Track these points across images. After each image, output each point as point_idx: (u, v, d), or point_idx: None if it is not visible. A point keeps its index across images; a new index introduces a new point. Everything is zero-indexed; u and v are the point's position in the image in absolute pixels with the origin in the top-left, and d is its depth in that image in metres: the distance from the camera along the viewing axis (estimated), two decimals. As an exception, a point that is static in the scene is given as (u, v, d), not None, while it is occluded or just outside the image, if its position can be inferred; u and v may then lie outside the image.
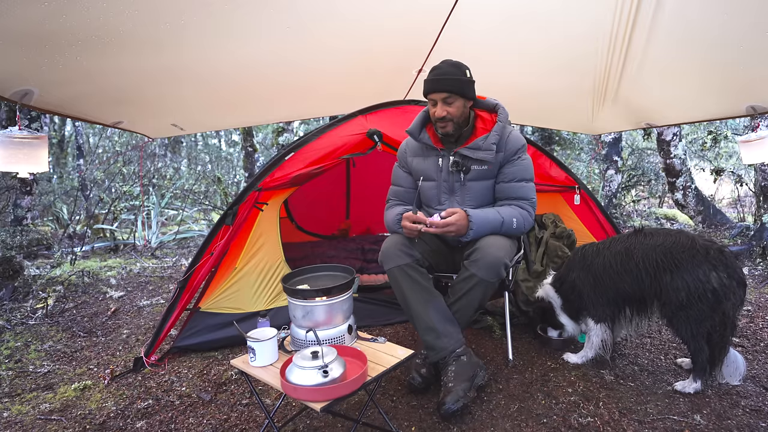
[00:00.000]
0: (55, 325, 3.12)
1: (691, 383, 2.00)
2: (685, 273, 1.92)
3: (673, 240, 2.01)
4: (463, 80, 2.00)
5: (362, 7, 2.26)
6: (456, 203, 2.13)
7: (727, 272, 1.90)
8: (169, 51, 2.24)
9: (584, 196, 3.08)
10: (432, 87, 2.01)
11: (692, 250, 1.94)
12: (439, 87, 1.99)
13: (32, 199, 5.23)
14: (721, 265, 1.90)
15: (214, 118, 3.95)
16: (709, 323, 1.92)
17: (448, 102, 2.00)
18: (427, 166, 2.17)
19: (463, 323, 2.02)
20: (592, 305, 2.21)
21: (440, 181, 2.14)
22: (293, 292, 1.75)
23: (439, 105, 2.01)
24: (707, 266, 1.90)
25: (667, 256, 1.98)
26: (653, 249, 2.03)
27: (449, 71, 2.00)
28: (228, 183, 9.67)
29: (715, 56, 2.40)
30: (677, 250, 1.97)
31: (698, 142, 7.82)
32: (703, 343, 1.94)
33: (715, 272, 1.89)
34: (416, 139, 2.17)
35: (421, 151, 2.19)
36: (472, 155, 2.05)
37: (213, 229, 2.62)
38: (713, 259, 1.91)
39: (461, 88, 2.00)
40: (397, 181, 2.29)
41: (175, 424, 1.91)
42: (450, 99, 1.99)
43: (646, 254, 2.04)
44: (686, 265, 1.93)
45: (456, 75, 1.99)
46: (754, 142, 2.72)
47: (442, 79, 1.99)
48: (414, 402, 1.99)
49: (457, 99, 2.00)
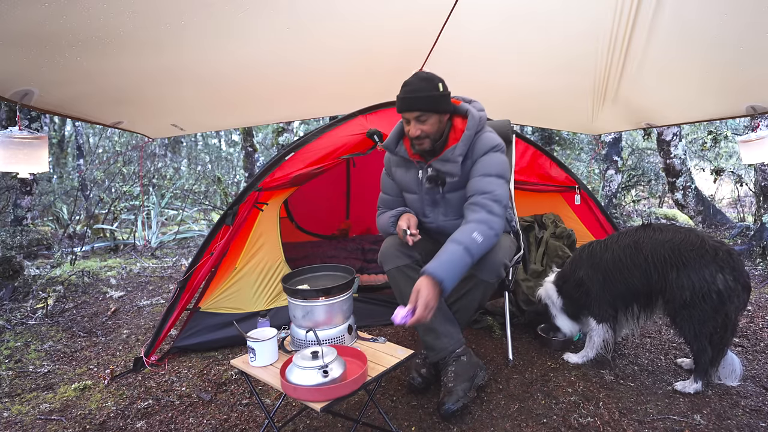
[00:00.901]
0: (55, 325, 3.12)
1: (691, 383, 2.00)
2: (692, 272, 1.91)
3: (683, 237, 1.99)
4: (435, 96, 1.87)
5: (362, 7, 2.26)
6: (441, 214, 2.08)
7: (733, 275, 1.88)
8: (169, 51, 2.24)
9: (584, 196, 3.09)
10: (403, 106, 1.89)
11: (701, 250, 1.93)
12: (411, 106, 1.87)
13: (32, 199, 5.23)
14: (728, 267, 1.89)
15: (215, 119, 3.95)
16: (711, 324, 1.91)
17: (421, 120, 1.88)
18: (408, 179, 2.10)
19: (462, 323, 2.02)
20: (596, 304, 2.19)
21: (422, 194, 2.07)
22: (293, 292, 1.76)
23: (413, 124, 1.89)
24: (714, 267, 1.89)
25: (675, 253, 1.96)
26: (662, 244, 2.01)
27: (420, 87, 1.87)
28: (228, 183, 9.66)
29: (715, 56, 2.40)
30: (686, 247, 1.96)
31: (698, 142, 7.82)
32: (706, 344, 1.93)
33: (721, 274, 1.88)
34: (392, 152, 2.10)
35: (403, 162, 2.11)
36: (442, 168, 1.96)
37: (213, 229, 2.62)
38: (721, 260, 1.90)
39: (434, 105, 1.87)
40: (384, 189, 2.23)
41: (175, 424, 1.92)
42: (423, 117, 1.87)
43: (654, 249, 2.02)
44: (693, 264, 1.92)
45: (427, 91, 1.86)
46: (754, 141, 2.72)
47: (413, 98, 1.86)
48: (414, 402, 1.99)
49: (431, 116, 1.88)
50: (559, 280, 2.36)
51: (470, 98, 2.10)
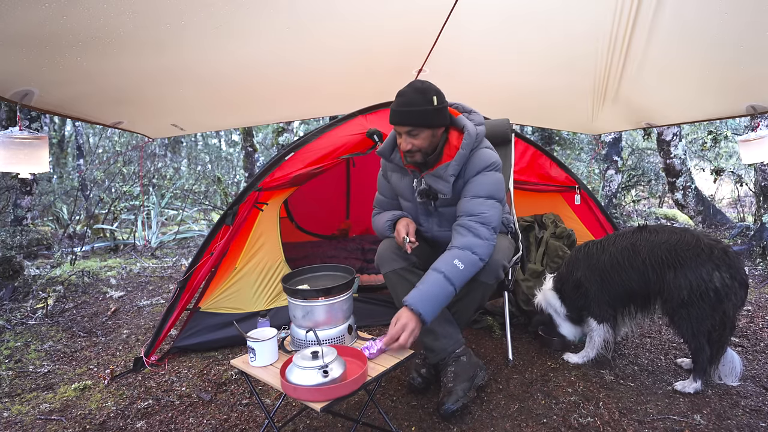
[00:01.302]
0: (55, 325, 3.12)
1: (691, 383, 2.00)
2: (689, 271, 1.93)
3: (678, 237, 2.01)
4: (428, 111, 1.78)
5: (362, 7, 2.26)
6: (435, 224, 2.06)
7: (729, 272, 1.90)
8: (169, 51, 2.24)
9: (584, 196, 3.09)
10: (395, 119, 1.82)
11: (696, 249, 1.95)
12: (401, 120, 1.80)
13: (32, 199, 5.23)
14: (724, 265, 1.91)
15: (215, 119, 3.95)
16: (709, 322, 1.92)
17: (413, 134, 1.81)
18: (403, 186, 2.06)
19: (462, 324, 2.02)
20: (596, 304, 2.20)
21: (416, 203, 2.04)
22: (293, 292, 1.76)
23: (404, 137, 1.83)
24: (711, 265, 1.91)
25: (672, 253, 1.98)
26: (658, 246, 2.03)
27: (414, 100, 1.78)
28: (228, 183, 9.67)
29: (715, 55, 2.40)
30: (682, 247, 1.98)
31: (698, 142, 7.82)
32: (704, 342, 1.94)
33: (718, 272, 1.90)
34: (387, 159, 2.05)
35: (398, 168, 2.07)
36: (434, 184, 1.91)
37: (213, 229, 2.62)
38: (717, 258, 1.91)
39: (426, 120, 1.80)
40: (380, 190, 2.20)
41: (175, 424, 1.92)
42: (415, 131, 1.81)
43: (651, 251, 2.04)
44: (690, 263, 1.94)
45: (420, 105, 1.78)
46: (754, 141, 2.72)
47: (405, 112, 1.79)
48: (414, 402, 1.99)
49: (423, 131, 1.81)
50: (558, 284, 2.36)
51: (470, 108, 2.03)
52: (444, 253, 1.80)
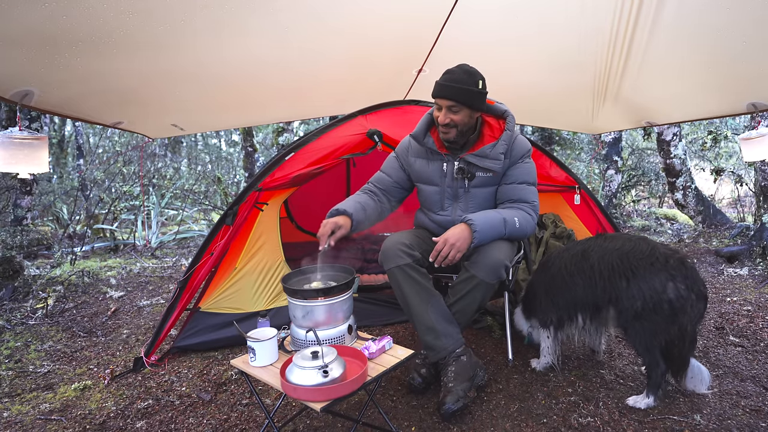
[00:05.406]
0: (55, 325, 3.12)
1: (643, 398, 1.90)
2: (642, 281, 1.82)
3: (633, 245, 1.91)
4: (472, 91, 1.91)
5: (362, 7, 2.26)
6: (459, 209, 2.10)
7: (685, 284, 1.79)
8: (169, 51, 2.24)
9: (584, 196, 3.08)
10: (439, 92, 1.93)
11: (651, 258, 1.84)
12: (446, 94, 1.91)
13: (32, 199, 5.23)
14: (680, 275, 1.80)
15: (215, 119, 3.96)
16: (664, 337, 1.81)
17: (453, 110, 1.92)
18: (431, 171, 2.12)
19: (463, 323, 2.01)
20: (540, 309, 2.14)
21: (444, 186, 2.10)
22: (293, 292, 1.76)
23: (444, 111, 1.93)
24: (665, 275, 1.80)
25: (624, 261, 1.87)
26: (610, 252, 1.92)
27: (461, 79, 1.90)
28: (228, 183, 9.67)
29: (716, 53, 2.40)
30: (635, 255, 1.87)
31: (698, 142, 7.82)
32: (658, 357, 1.83)
33: (672, 282, 1.79)
34: (420, 143, 2.11)
35: (425, 153, 2.13)
36: (479, 163, 2.01)
37: (213, 229, 2.62)
38: (672, 268, 1.81)
39: (469, 100, 1.91)
40: (386, 170, 2.22)
41: (175, 424, 1.92)
42: (455, 108, 1.91)
43: (602, 257, 1.93)
44: (643, 273, 1.82)
45: (466, 84, 1.90)
46: (755, 139, 2.73)
47: (451, 87, 1.90)
48: (414, 402, 1.99)
49: (463, 109, 1.92)
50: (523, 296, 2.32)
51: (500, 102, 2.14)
52: (507, 209, 2.00)
